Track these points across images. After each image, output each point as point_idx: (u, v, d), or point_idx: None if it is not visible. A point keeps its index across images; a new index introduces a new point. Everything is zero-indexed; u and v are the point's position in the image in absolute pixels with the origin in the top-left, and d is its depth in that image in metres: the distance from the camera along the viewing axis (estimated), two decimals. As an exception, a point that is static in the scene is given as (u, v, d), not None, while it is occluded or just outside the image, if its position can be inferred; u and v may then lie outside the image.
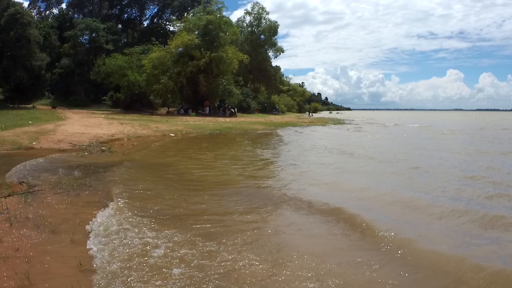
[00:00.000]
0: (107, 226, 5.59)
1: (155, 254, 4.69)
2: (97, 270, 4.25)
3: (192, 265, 4.45)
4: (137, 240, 5.13)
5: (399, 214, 6.81)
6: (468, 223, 6.24)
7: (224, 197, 7.89)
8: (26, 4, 66.33)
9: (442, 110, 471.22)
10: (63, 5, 72.22)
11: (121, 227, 5.61)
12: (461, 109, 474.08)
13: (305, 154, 15.90)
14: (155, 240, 5.13)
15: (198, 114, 44.36)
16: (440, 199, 7.88)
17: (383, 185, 9.47)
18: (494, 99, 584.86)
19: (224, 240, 5.23)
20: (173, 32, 53.89)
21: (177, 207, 6.87)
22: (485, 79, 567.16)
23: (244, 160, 13.68)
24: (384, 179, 10.31)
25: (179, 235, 5.38)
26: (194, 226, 5.84)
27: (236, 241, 5.26)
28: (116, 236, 5.23)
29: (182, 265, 4.43)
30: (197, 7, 54.21)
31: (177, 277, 4.16)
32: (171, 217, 6.26)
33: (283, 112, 77.53)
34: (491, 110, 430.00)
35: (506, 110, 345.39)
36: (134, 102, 48.66)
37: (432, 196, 8.14)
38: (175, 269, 4.31)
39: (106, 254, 4.64)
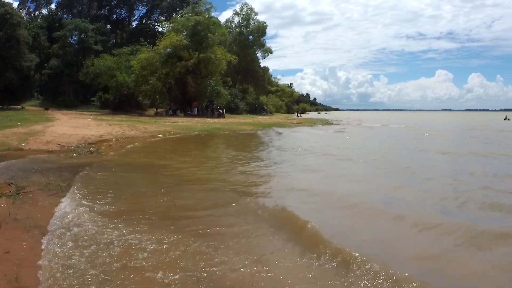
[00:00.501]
0: (86, 228, 5.73)
1: (140, 256, 4.86)
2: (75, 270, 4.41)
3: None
4: (117, 241, 5.30)
5: (375, 227, 6.48)
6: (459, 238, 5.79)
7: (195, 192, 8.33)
8: (15, 4, 65.87)
9: (431, 110, 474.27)
10: (53, 6, 71.89)
11: (104, 229, 5.74)
12: (450, 110, 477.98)
13: (293, 156, 16.00)
14: (139, 242, 5.32)
15: (186, 115, 44.33)
16: (424, 208, 7.46)
17: (364, 190, 9.53)
18: (483, 99, 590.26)
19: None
20: (161, 33, 53.68)
21: (160, 206, 7.07)
22: (474, 80, 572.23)
23: (232, 161, 13.90)
24: (368, 184, 10.42)
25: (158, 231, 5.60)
26: (184, 224, 6.06)
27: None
28: (97, 239, 5.37)
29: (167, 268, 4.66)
30: (186, 7, 54.15)
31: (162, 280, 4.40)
32: (159, 216, 6.44)
33: (271, 113, 77.61)
34: (480, 110, 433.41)
35: (495, 110, 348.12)
36: (123, 103, 48.36)
37: (415, 205, 7.79)
38: (160, 273, 4.53)
39: (84, 257, 4.77)
